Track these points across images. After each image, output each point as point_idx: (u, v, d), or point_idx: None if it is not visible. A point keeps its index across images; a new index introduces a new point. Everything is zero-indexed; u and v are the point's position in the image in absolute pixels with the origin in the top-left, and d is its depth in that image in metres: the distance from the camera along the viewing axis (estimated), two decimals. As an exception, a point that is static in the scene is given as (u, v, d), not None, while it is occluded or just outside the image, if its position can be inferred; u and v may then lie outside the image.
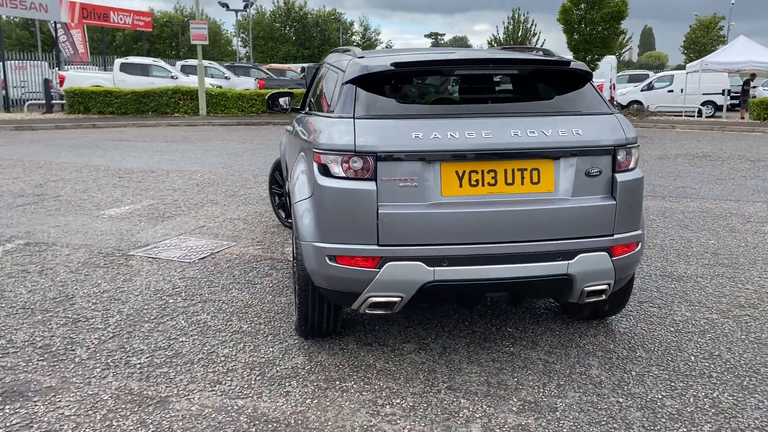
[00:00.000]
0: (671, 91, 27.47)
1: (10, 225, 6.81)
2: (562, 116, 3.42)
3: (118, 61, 25.57)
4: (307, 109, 4.71)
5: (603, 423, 2.99)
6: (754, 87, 27.99)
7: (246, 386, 3.32)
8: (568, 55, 25.60)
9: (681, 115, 25.71)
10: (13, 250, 5.82)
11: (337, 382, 3.36)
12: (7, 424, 2.95)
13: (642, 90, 27.85)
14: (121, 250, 5.85)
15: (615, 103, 26.57)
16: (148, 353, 3.69)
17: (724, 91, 26.38)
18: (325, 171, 3.28)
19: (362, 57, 3.74)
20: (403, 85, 3.55)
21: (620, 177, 3.39)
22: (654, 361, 3.63)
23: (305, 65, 35.55)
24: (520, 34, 54.65)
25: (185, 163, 11.64)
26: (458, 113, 3.44)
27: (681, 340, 3.90)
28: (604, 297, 3.55)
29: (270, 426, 2.95)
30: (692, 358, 3.67)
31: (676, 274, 5.21)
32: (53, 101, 23.51)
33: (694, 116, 25.44)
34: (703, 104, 26.37)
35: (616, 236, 3.41)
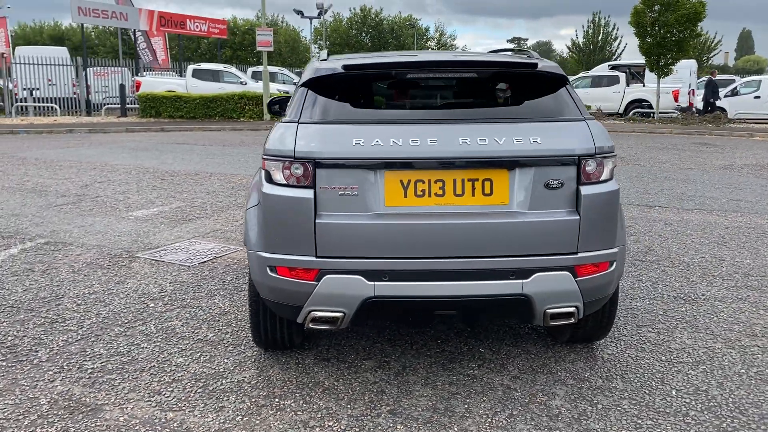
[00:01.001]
0: (758, 97, 25.77)
1: (41, 224, 7.05)
2: (520, 123, 3.15)
3: (190, 68, 26.47)
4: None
5: (542, 461, 2.72)
6: None
7: (183, 398, 3.22)
8: (640, 60, 24.57)
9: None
10: (30, 249, 6.00)
11: (277, 400, 3.22)
12: (-65, 425, 2.97)
13: (725, 96, 26.31)
14: (130, 252, 5.93)
15: (694, 109, 25.24)
16: (105, 358, 3.67)
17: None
18: (269, 178, 3.15)
19: (324, 60, 3.59)
20: (358, 89, 3.38)
21: (586, 190, 3.09)
22: (629, 393, 3.29)
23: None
24: (600, 38, 53.02)
25: (231, 167, 11.81)
26: (407, 119, 3.23)
27: (669, 371, 3.53)
28: (573, 320, 3.24)
29: (186, 442, 2.84)
30: (673, 392, 3.30)
31: (693, 295, 4.77)
32: (128, 105, 24.57)
33: (781, 124, 23.78)
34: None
35: (581, 255, 3.11)
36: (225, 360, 3.66)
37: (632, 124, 21.34)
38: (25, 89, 24.08)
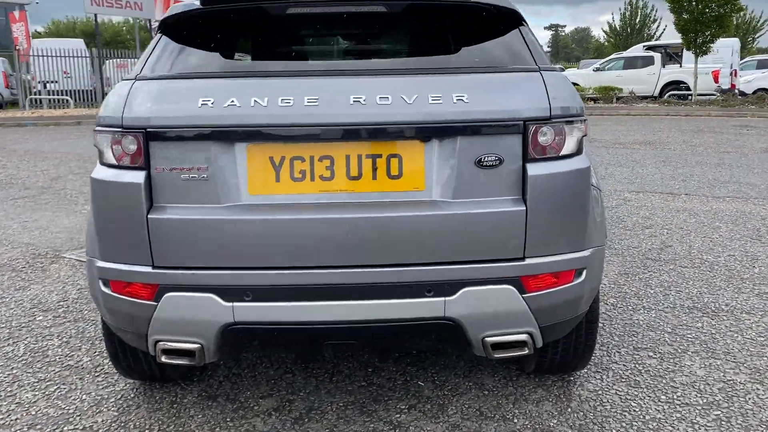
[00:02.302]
0: (806, 76, 24.07)
1: (-17, 220, 6.36)
2: (441, 75, 2.24)
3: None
4: None
5: None
6: None
7: (-3, 455, 2.40)
8: (676, 38, 23.03)
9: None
10: (-51, 249, 5.29)
11: (120, 458, 2.37)
12: None
13: (771, 76, 24.63)
14: (58, 251, 5.16)
15: (737, 90, 23.62)
16: (-63, 392, 2.87)
17: None
18: (100, 157, 2.29)
19: None
20: (220, 31, 2.48)
21: (535, 169, 2.15)
22: (606, 454, 2.35)
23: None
24: (638, 20, 50.95)
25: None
26: (279, 71, 2.34)
27: (668, 420, 2.57)
28: (527, 351, 2.32)
29: None
30: (670, 453, 2.35)
31: (713, 306, 3.76)
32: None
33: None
34: None
35: (530, 261, 2.18)
36: (83, 396, 2.83)
37: (667, 107, 19.94)
38: (39, 82, 23.78)
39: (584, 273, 2.31)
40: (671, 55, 24.76)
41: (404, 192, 2.16)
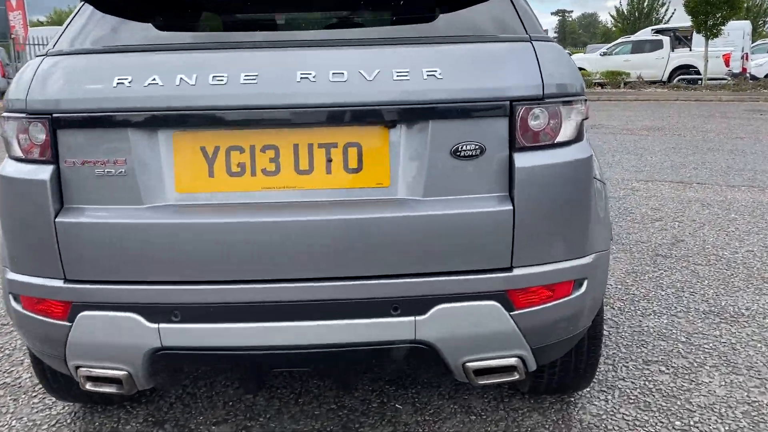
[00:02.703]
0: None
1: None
2: (410, 46, 1.84)
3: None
4: None
5: None
6: None
7: None
8: (685, 21, 22.42)
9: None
10: None
11: (37, 503, 2.01)
12: None
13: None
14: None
15: (748, 74, 23.02)
16: None
17: None
18: (7, 149, 1.92)
19: None
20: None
21: (524, 159, 1.77)
22: (611, 498, 1.97)
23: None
24: (646, 4, 50.13)
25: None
26: (213, 43, 1.95)
27: (684, 451, 2.20)
28: (517, 376, 1.94)
29: None
30: (687, 498, 1.97)
31: (733, 310, 3.37)
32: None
33: None
34: None
35: (518, 271, 1.80)
36: (14, 422, 2.48)
37: (676, 92, 19.42)
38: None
39: (585, 284, 1.93)
40: (680, 39, 24.16)
41: (365, 189, 1.78)
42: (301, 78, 1.71)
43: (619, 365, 2.79)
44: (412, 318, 1.77)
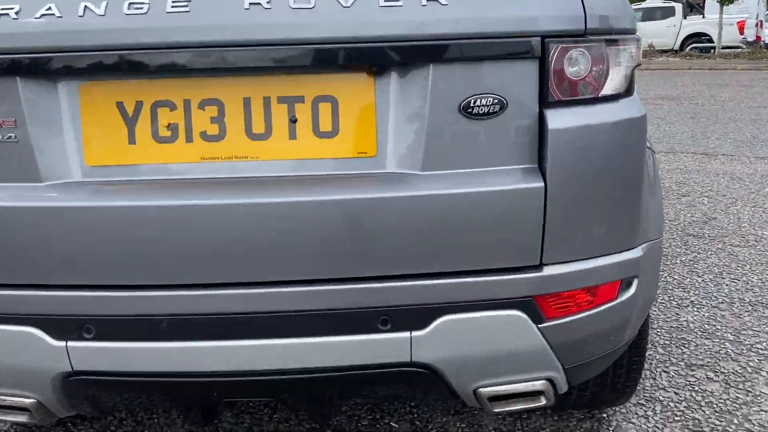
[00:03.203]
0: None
1: None
2: None
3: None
4: None
5: None
6: None
7: None
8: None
9: None
10: None
11: None
12: None
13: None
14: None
15: (762, 43, 22.28)
16: None
17: None
18: None
19: None
20: None
21: (560, 118, 1.30)
22: None
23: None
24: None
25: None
26: None
27: (750, 489, 1.75)
28: (544, 402, 1.49)
29: None
30: None
31: (784, 300, 2.91)
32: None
33: None
34: None
35: (550, 270, 1.34)
36: (-75, 445, 2.04)
37: (689, 61, 18.75)
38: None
39: (635, 284, 1.47)
40: (693, 6, 23.40)
41: (342, 160, 1.31)
42: (251, 4, 1.23)
43: (658, 370, 2.34)
44: (406, 334, 1.31)
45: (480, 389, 1.42)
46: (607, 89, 1.37)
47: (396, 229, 1.28)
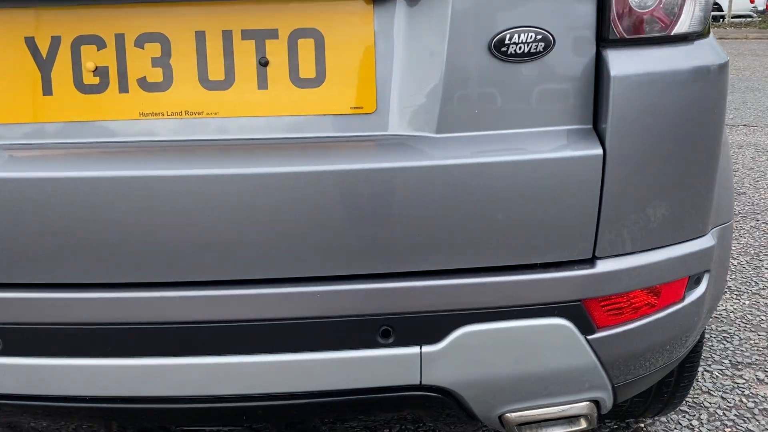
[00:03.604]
0: None
1: None
2: None
3: None
4: None
5: None
6: None
7: None
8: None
9: None
10: None
11: None
12: None
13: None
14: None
15: (758, 12, 21.73)
16: None
17: None
18: None
19: None
20: None
21: (623, 62, 0.96)
22: None
23: None
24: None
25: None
26: None
27: None
28: (584, 426, 1.18)
29: None
30: None
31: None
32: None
33: None
34: None
35: (604, 265, 1.01)
36: None
37: (698, 30, 18.23)
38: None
39: (705, 280, 1.15)
40: (702, -27, 22.77)
41: (329, 117, 0.98)
42: None
43: (699, 369, 2.02)
44: (415, 349, 0.99)
45: (508, 415, 1.10)
46: (681, 27, 1.03)
47: (401, 211, 0.95)
